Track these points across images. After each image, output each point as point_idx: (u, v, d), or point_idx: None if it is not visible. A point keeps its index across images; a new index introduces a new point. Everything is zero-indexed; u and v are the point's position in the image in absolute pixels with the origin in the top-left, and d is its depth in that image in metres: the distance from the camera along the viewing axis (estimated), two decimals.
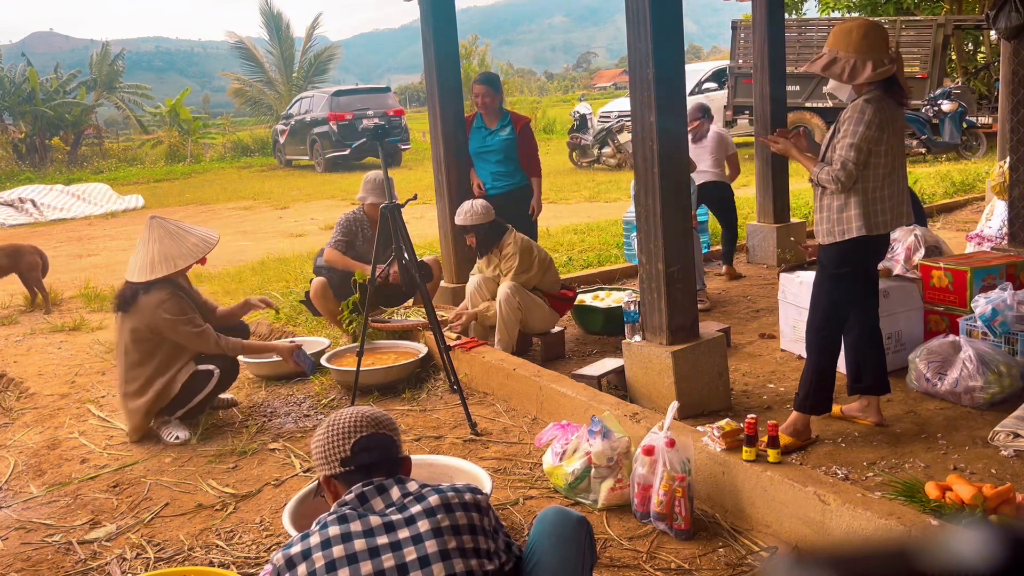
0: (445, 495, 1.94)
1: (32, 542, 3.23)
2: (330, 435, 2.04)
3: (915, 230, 5.07)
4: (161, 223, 4.26)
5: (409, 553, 1.83)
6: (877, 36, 3.27)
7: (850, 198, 3.27)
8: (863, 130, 3.19)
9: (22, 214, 14.62)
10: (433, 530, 1.87)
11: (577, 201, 12.05)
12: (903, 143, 3.39)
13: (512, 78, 42.29)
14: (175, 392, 4.12)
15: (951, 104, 12.79)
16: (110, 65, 29.02)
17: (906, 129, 12.89)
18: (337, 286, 5.29)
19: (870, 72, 3.20)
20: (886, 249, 3.62)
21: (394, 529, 1.87)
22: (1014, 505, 2.68)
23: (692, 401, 3.74)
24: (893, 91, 3.28)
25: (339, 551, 1.82)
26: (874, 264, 3.54)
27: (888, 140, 3.24)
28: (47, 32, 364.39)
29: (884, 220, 3.31)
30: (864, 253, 3.37)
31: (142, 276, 4.08)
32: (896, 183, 3.33)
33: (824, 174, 3.29)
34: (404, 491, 1.96)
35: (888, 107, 3.25)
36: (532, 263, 4.86)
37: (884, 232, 3.36)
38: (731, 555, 2.80)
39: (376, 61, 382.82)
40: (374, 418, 2.08)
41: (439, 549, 1.85)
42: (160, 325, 4.05)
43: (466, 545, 1.90)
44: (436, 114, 5.67)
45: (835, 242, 3.35)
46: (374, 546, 1.84)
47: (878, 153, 3.24)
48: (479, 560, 1.90)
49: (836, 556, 0.57)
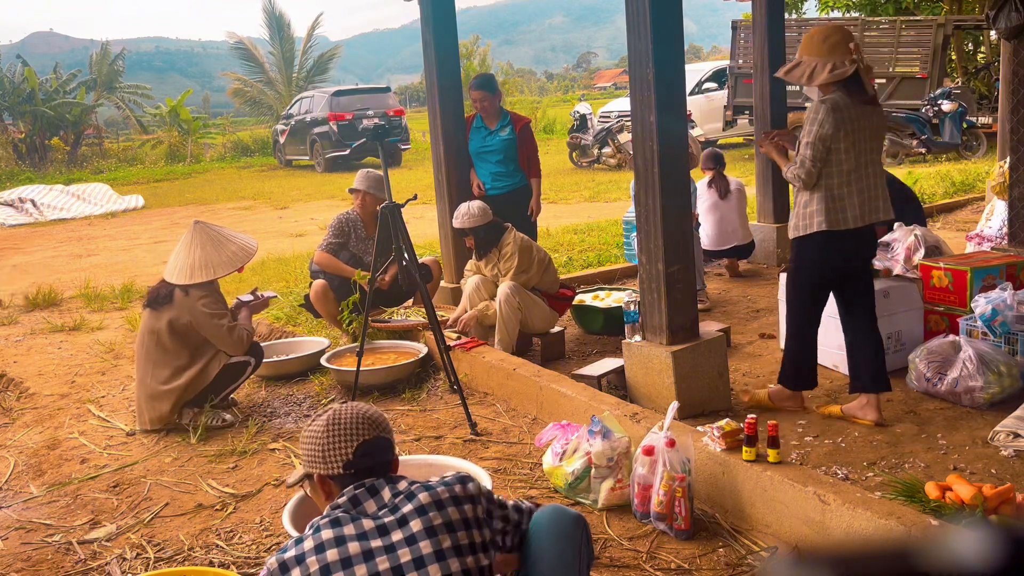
0: (435, 491, 1.94)
1: (32, 542, 3.24)
2: (331, 436, 2.00)
3: (915, 230, 5.07)
4: (204, 229, 4.39)
5: (404, 555, 1.83)
6: (837, 39, 3.41)
7: (815, 194, 3.45)
8: (816, 129, 3.37)
9: (22, 214, 14.62)
10: (426, 530, 1.86)
11: (577, 201, 12.05)
12: (874, 141, 3.50)
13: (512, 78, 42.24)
14: (207, 382, 4.26)
15: (951, 104, 12.79)
16: (110, 65, 29.00)
17: (906, 129, 13.00)
18: (337, 288, 5.29)
19: (827, 74, 3.37)
20: (866, 245, 3.63)
21: (387, 532, 1.86)
22: (1014, 505, 2.68)
23: (692, 401, 3.73)
24: (853, 91, 3.40)
25: (333, 555, 1.82)
26: (851, 260, 3.57)
27: (848, 138, 3.38)
28: (47, 32, 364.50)
29: (851, 216, 3.44)
30: (829, 248, 3.48)
31: (181, 279, 4.23)
32: (863, 179, 3.45)
33: (790, 173, 3.51)
34: (395, 491, 1.95)
35: (848, 107, 3.38)
36: (532, 263, 4.86)
37: (852, 227, 3.45)
38: (731, 555, 2.80)
39: (376, 61, 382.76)
40: (374, 420, 2.05)
41: (434, 549, 1.84)
42: (198, 318, 4.20)
43: (461, 542, 1.89)
44: (436, 114, 5.67)
45: (798, 236, 3.54)
46: (368, 549, 1.83)
47: (838, 151, 3.38)
48: (475, 556, 1.90)
49: (836, 556, 0.57)
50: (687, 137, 4.13)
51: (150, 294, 4.35)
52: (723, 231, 6.31)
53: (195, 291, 4.22)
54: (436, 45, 5.59)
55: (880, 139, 3.54)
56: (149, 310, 4.29)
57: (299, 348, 5.29)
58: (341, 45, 37.27)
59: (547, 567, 2.06)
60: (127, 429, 4.36)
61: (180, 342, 4.23)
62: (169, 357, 4.22)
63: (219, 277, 4.29)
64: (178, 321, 4.21)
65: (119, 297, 7.35)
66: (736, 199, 6.34)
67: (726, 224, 6.28)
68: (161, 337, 4.21)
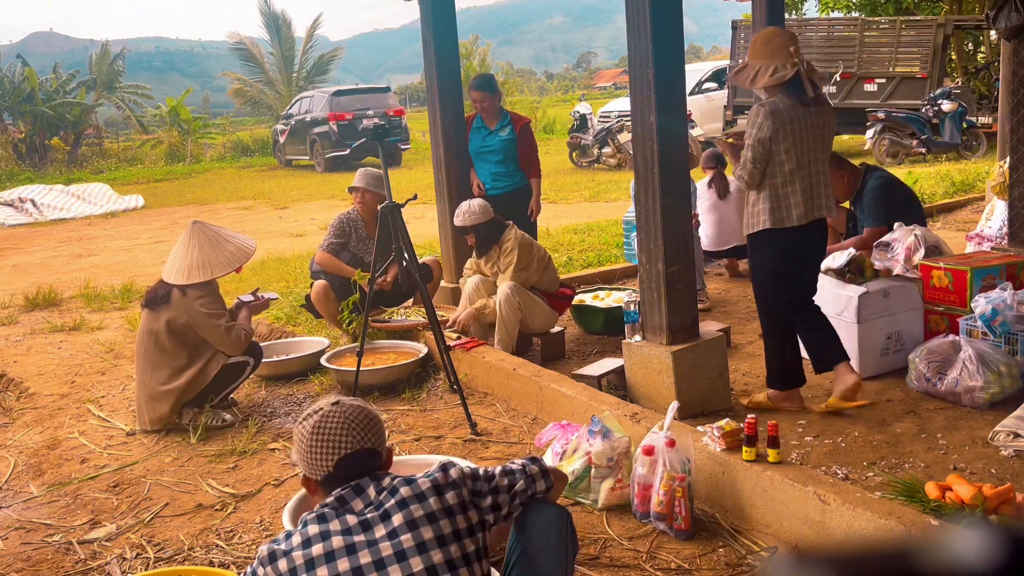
0: (416, 484, 1.98)
1: (32, 542, 3.24)
2: (315, 443, 2.01)
3: (915, 230, 5.06)
4: (202, 228, 4.39)
5: (385, 549, 1.87)
6: (779, 43, 3.53)
7: (760, 193, 3.60)
8: (755, 132, 3.53)
9: (22, 214, 14.62)
10: (408, 523, 1.91)
11: (577, 201, 12.05)
12: (817, 141, 3.59)
13: (512, 78, 42.25)
14: (207, 382, 4.25)
15: (951, 104, 12.79)
16: (110, 65, 28.99)
17: (905, 129, 13.01)
18: (339, 288, 5.29)
19: (767, 77, 3.51)
20: (814, 240, 3.73)
21: (371, 527, 1.91)
22: (1014, 505, 2.68)
23: (692, 401, 3.73)
24: (793, 93, 3.52)
25: (318, 549, 1.88)
26: (801, 255, 3.70)
27: (787, 140, 3.50)
28: (47, 32, 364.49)
29: (796, 214, 3.58)
30: (777, 244, 3.63)
31: (178, 279, 4.22)
32: (807, 178, 3.58)
33: (735, 173, 3.69)
34: (379, 488, 1.99)
35: (788, 108, 3.50)
36: (531, 261, 4.85)
37: (796, 225, 3.58)
38: (731, 555, 2.80)
39: (376, 61, 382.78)
40: (361, 427, 2.03)
41: (415, 543, 1.89)
42: (196, 318, 4.19)
43: (444, 531, 1.93)
44: (436, 114, 5.67)
45: (749, 234, 3.71)
46: (351, 543, 1.88)
47: (779, 152, 3.52)
48: (459, 544, 1.94)
49: (836, 556, 0.57)
50: (687, 137, 4.13)
51: (148, 294, 4.35)
52: (723, 231, 6.30)
53: (193, 291, 4.21)
54: (436, 45, 5.59)
55: (825, 139, 3.65)
56: (147, 310, 4.29)
57: (299, 348, 5.28)
58: (341, 45, 37.28)
59: (533, 555, 2.09)
60: (127, 429, 4.36)
61: (179, 342, 4.23)
62: (168, 358, 4.21)
63: (217, 277, 4.29)
64: (176, 321, 4.20)
65: (119, 297, 7.35)
66: (736, 199, 6.33)
67: (726, 224, 6.28)
68: (160, 337, 4.21)
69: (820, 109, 3.60)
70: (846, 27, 15.76)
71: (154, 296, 4.28)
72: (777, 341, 3.80)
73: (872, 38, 14.62)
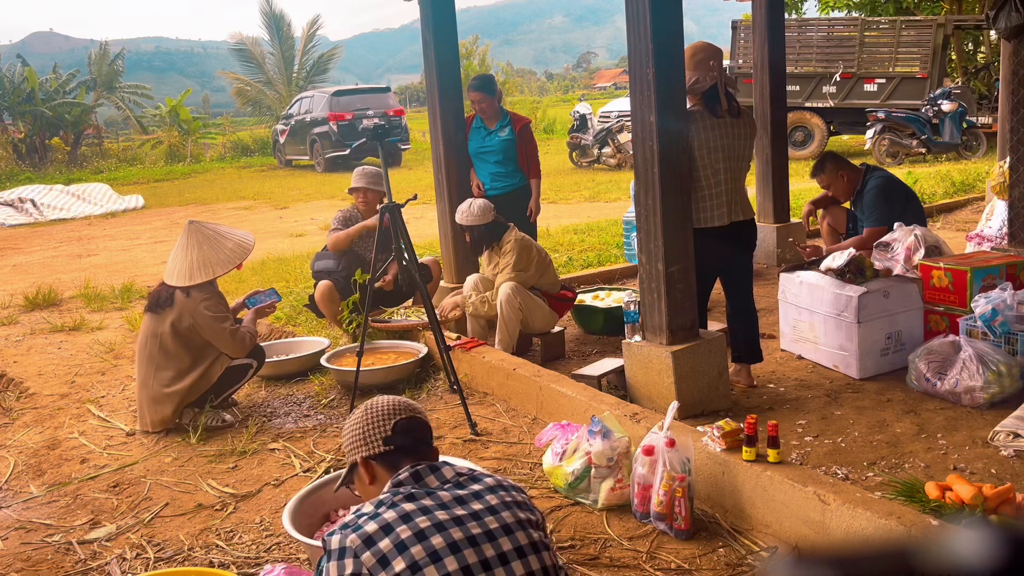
0: (494, 476, 1.99)
1: (32, 542, 3.24)
2: (369, 417, 2.07)
3: (915, 230, 5.06)
4: (199, 228, 4.37)
5: (491, 522, 1.85)
6: (702, 57, 3.87)
7: (693, 195, 3.89)
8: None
9: (22, 214, 14.63)
10: (504, 503, 1.90)
11: (577, 201, 12.05)
12: (732, 150, 3.90)
13: (512, 78, 42.28)
14: (210, 385, 4.25)
15: (951, 104, 12.79)
16: (110, 65, 28.99)
17: (906, 129, 13.01)
18: (343, 289, 5.30)
19: (687, 87, 3.78)
20: (736, 240, 4.02)
21: (466, 502, 1.87)
22: (1014, 505, 2.68)
23: (692, 401, 3.74)
24: (710, 104, 3.87)
25: (424, 522, 1.79)
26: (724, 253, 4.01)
27: (703, 147, 3.82)
28: (47, 32, 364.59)
29: (716, 215, 3.90)
30: (703, 242, 3.86)
31: (181, 281, 4.21)
32: (723, 184, 3.90)
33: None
34: (456, 471, 1.97)
35: (704, 118, 3.83)
36: (530, 262, 4.86)
37: (716, 225, 3.90)
38: (731, 555, 2.80)
39: (376, 61, 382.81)
40: (410, 404, 2.14)
41: (516, 519, 1.88)
42: (200, 321, 4.18)
43: (531, 517, 1.93)
44: (436, 114, 5.67)
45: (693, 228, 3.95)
46: (456, 516, 1.83)
47: (699, 159, 3.84)
48: (539, 533, 1.93)
49: (836, 556, 0.57)
50: (687, 137, 4.13)
51: (151, 298, 4.33)
52: None
53: (196, 293, 4.20)
54: (436, 45, 5.59)
55: (742, 147, 3.95)
56: (150, 314, 4.27)
57: (299, 348, 5.28)
58: (341, 45, 37.26)
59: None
60: (127, 429, 4.36)
61: (183, 345, 4.22)
62: (172, 360, 4.20)
63: (219, 276, 4.28)
64: (180, 323, 4.19)
65: (119, 297, 7.35)
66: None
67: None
68: (164, 340, 4.20)
69: (738, 120, 3.92)
70: (846, 27, 15.76)
71: (157, 299, 4.27)
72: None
73: (872, 38, 14.62)
